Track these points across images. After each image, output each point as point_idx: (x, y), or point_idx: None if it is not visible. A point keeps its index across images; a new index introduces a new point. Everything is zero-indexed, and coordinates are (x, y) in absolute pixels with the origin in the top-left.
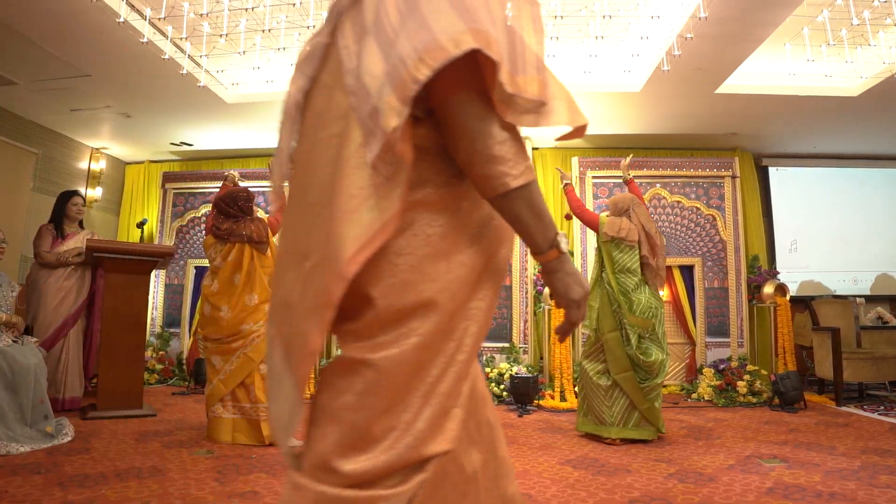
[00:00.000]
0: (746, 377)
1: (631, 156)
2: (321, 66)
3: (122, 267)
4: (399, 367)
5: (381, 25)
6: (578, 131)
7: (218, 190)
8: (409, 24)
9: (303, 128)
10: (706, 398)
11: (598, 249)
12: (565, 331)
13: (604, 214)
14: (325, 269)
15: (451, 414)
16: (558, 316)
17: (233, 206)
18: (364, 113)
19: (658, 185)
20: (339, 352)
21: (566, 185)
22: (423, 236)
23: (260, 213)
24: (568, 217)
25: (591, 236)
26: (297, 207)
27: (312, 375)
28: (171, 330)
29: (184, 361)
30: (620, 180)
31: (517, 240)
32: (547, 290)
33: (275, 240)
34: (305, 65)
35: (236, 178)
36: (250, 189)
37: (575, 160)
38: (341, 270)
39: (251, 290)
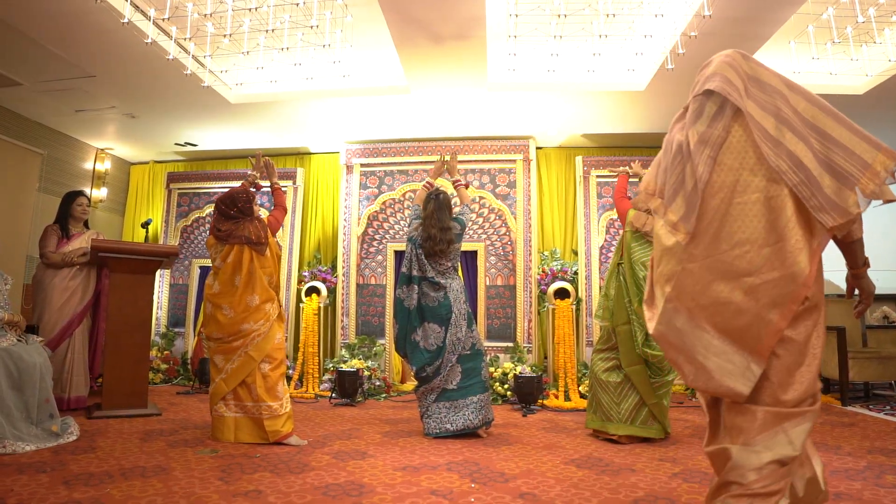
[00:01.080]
0: None
1: (637, 160)
2: (720, 151)
3: (126, 267)
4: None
5: (806, 140)
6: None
7: (222, 189)
8: (837, 150)
9: (708, 191)
10: None
11: (620, 240)
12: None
13: (632, 210)
14: (791, 281)
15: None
16: (561, 315)
17: (232, 207)
18: (819, 194)
19: None
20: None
21: (622, 171)
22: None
23: (263, 213)
24: None
25: (595, 235)
26: (713, 242)
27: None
28: (176, 329)
29: (188, 361)
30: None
31: (515, 240)
32: (551, 290)
33: (274, 239)
34: (705, 147)
35: (257, 178)
36: (251, 189)
37: (579, 159)
38: (807, 281)
39: (252, 291)
